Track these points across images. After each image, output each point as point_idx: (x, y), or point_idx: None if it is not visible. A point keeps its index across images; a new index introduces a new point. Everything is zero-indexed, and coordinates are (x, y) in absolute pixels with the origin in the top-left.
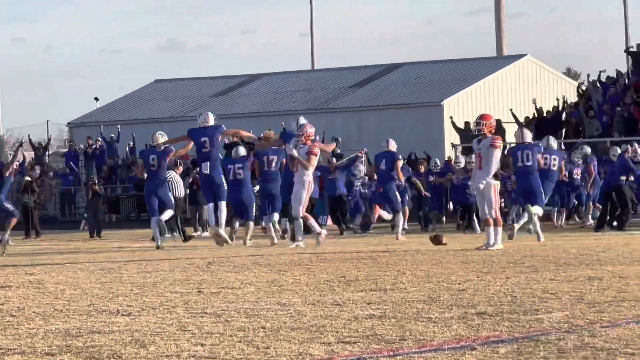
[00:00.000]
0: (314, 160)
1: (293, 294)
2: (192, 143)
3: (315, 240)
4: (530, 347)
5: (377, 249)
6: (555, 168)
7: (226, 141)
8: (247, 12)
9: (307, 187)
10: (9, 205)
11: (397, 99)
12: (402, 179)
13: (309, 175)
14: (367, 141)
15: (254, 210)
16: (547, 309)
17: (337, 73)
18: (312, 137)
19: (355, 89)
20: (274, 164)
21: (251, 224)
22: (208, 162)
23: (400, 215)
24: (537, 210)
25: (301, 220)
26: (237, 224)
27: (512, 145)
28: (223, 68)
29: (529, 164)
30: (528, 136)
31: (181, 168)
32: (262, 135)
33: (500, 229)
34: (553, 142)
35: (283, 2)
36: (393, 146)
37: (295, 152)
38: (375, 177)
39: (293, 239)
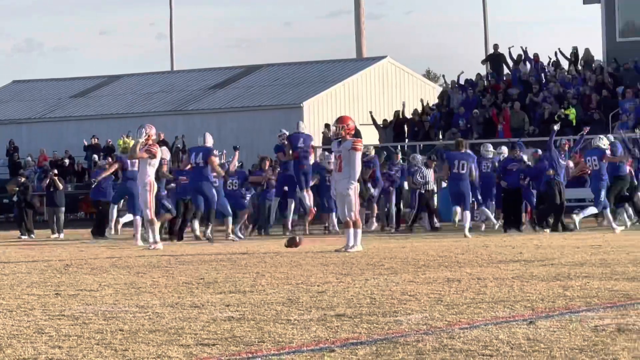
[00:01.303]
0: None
1: (151, 296)
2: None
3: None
4: (389, 348)
5: (236, 251)
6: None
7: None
8: (103, 13)
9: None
10: None
11: (257, 101)
12: (222, 173)
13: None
14: (227, 143)
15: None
16: (406, 310)
17: (197, 74)
18: None
19: (215, 90)
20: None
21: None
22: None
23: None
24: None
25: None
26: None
27: (451, 152)
28: (82, 69)
29: (463, 171)
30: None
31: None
32: (122, 142)
33: (359, 230)
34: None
35: (139, 3)
36: (209, 141)
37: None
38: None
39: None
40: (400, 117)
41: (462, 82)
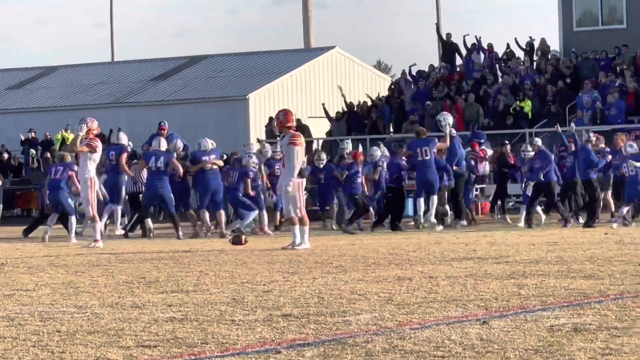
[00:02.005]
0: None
1: (90, 296)
2: None
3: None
4: (337, 350)
5: (179, 249)
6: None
7: None
8: (39, 2)
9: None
10: None
11: (201, 93)
12: (130, 172)
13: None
14: None
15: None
16: (355, 310)
17: (138, 65)
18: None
19: (157, 82)
20: None
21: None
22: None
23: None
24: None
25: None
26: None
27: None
28: (18, 60)
29: (427, 158)
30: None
31: None
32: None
33: (306, 227)
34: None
35: None
36: (123, 139)
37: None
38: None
39: None
40: (354, 108)
41: (414, 73)
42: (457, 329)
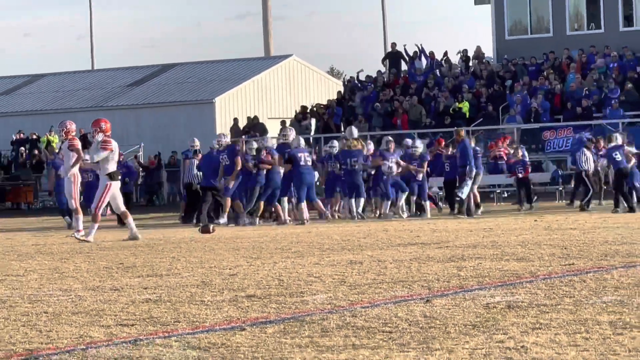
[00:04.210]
0: None
1: (74, 281)
2: None
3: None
4: (296, 327)
5: (154, 237)
6: None
7: None
8: (26, 16)
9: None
10: None
11: (172, 97)
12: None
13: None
14: (145, 137)
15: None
16: (311, 291)
17: (116, 73)
18: None
19: (133, 87)
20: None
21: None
22: None
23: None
24: None
25: None
26: None
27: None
28: (6, 69)
29: (355, 166)
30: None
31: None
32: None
33: (96, 225)
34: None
35: (60, 6)
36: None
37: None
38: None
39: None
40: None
41: (362, 78)
42: (404, 307)
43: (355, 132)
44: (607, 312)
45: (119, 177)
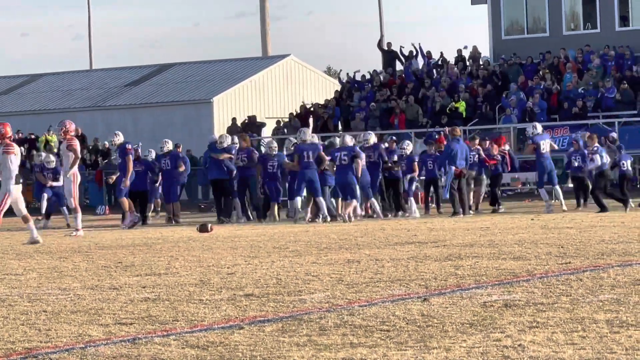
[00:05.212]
0: None
1: (73, 279)
2: None
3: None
4: (294, 325)
5: (152, 237)
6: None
7: None
8: (24, 16)
9: None
10: None
11: (170, 97)
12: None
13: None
14: (143, 136)
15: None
16: (309, 290)
17: (114, 72)
18: None
19: (131, 87)
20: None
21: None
22: None
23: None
24: None
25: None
26: None
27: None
28: (5, 69)
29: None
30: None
31: None
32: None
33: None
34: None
35: (58, 6)
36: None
37: None
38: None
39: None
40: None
41: (358, 78)
42: (401, 305)
43: (309, 132)
44: (603, 310)
45: (20, 181)
